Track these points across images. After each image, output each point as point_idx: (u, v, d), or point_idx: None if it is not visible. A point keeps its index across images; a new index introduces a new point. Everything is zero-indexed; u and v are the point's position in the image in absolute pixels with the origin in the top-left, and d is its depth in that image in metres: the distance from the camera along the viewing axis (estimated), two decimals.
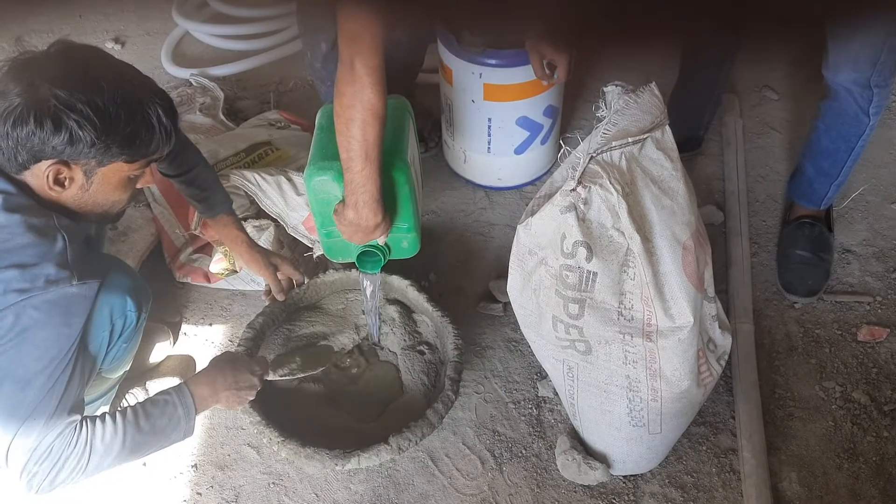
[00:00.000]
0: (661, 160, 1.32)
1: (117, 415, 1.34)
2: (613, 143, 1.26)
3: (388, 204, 1.54)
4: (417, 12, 1.95)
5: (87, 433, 1.28)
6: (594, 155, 1.26)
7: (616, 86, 1.39)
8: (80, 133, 1.17)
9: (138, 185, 1.36)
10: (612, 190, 1.24)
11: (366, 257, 1.64)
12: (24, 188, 1.24)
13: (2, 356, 1.20)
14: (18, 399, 1.22)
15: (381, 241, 1.60)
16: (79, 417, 1.29)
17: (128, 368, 1.67)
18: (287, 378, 1.65)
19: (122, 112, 1.21)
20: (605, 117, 1.36)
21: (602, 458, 1.60)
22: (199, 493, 1.67)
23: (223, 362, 1.56)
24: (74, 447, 1.26)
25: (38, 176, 1.22)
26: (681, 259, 1.31)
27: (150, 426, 1.36)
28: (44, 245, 1.21)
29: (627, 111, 1.32)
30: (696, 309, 1.34)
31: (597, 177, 1.25)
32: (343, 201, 1.52)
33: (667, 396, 1.41)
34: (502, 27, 1.95)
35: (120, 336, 1.46)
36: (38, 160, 1.19)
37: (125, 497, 1.67)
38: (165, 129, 1.28)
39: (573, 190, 1.24)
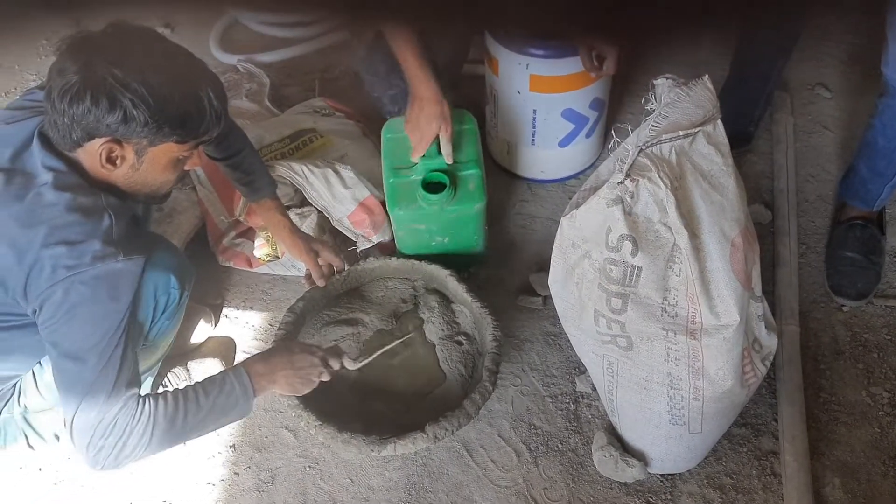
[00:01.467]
0: (711, 155, 1.29)
1: (178, 392, 1.36)
2: (664, 137, 1.24)
3: (456, 143, 1.79)
4: (460, 30, 1.96)
5: (149, 407, 1.30)
6: (643, 147, 1.24)
7: (667, 78, 1.36)
8: (134, 112, 1.19)
9: (186, 167, 1.37)
10: (661, 184, 1.22)
11: (430, 191, 1.73)
12: (74, 166, 1.26)
13: (55, 333, 1.22)
14: (76, 375, 1.24)
15: (445, 135, 1.75)
16: (138, 391, 1.31)
17: (170, 346, 1.70)
18: (366, 362, 1.64)
19: (176, 93, 1.23)
20: (654, 110, 1.34)
21: (640, 456, 1.58)
22: (237, 473, 1.69)
23: (281, 345, 1.60)
24: (138, 421, 1.28)
25: (91, 154, 1.24)
26: (729, 256, 1.29)
27: (209, 403, 1.37)
28: (91, 223, 1.23)
29: (679, 104, 1.30)
30: (742, 307, 1.31)
31: (645, 170, 1.23)
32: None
33: (709, 395, 1.39)
34: (551, 29, 1.93)
35: (163, 313, 1.48)
36: (91, 138, 1.21)
37: (164, 476, 1.70)
38: (216, 112, 1.29)
39: (621, 183, 1.22)
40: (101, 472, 1.31)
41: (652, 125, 1.30)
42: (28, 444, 1.53)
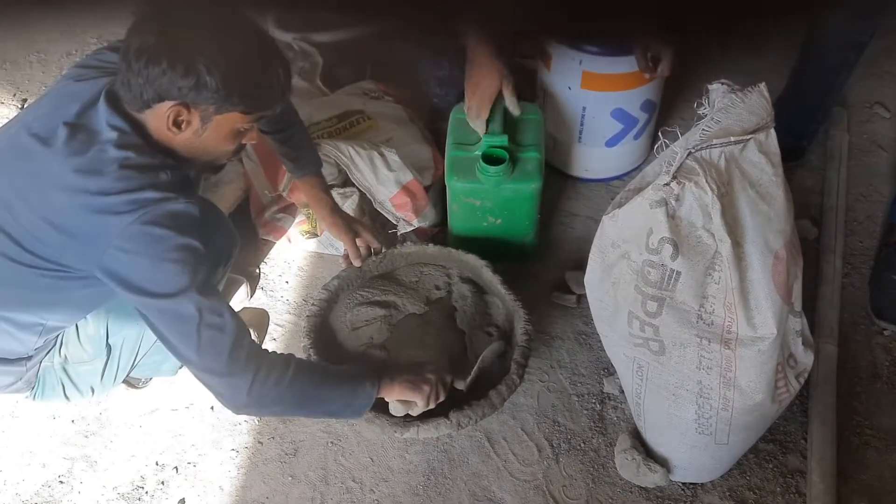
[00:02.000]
0: (762, 164, 1.27)
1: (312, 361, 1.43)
2: (714, 141, 1.22)
3: (518, 128, 1.85)
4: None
5: (285, 354, 1.35)
6: (692, 151, 1.22)
7: (722, 83, 1.34)
8: (207, 78, 1.21)
9: (244, 140, 1.39)
10: (708, 189, 1.20)
11: (489, 165, 1.75)
12: (138, 128, 1.29)
13: (144, 280, 1.24)
14: (181, 312, 1.25)
15: (508, 89, 1.79)
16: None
17: None
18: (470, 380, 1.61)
19: (248, 64, 1.26)
20: (706, 114, 1.32)
21: (663, 462, 1.56)
22: (261, 443, 1.71)
23: (409, 362, 1.61)
24: (276, 356, 1.33)
25: (158, 116, 1.26)
26: (771, 268, 1.27)
27: (337, 379, 1.42)
28: (149, 177, 1.26)
29: (732, 110, 1.28)
30: (780, 321, 1.29)
31: (692, 174, 1.22)
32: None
33: (738, 407, 1.37)
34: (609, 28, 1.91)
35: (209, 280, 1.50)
36: (161, 100, 1.24)
37: (190, 438, 1.73)
38: (282, 88, 1.33)
39: (666, 184, 1.21)
40: (242, 407, 1.32)
41: (703, 129, 1.28)
42: (64, 394, 1.57)
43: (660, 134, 1.32)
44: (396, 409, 1.50)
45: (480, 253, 1.83)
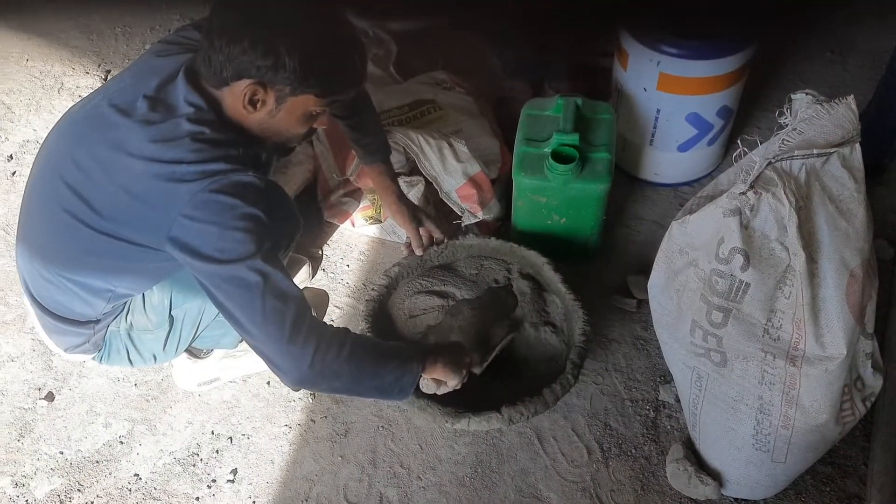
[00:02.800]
0: (844, 179, 1.23)
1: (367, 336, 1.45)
2: (796, 153, 1.19)
3: (590, 129, 1.84)
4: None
5: (340, 327, 1.36)
6: (773, 161, 1.19)
7: (806, 93, 1.30)
8: (286, 59, 1.24)
9: (316, 125, 1.41)
10: (785, 201, 1.17)
11: (558, 163, 1.74)
12: (214, 105, 1.32)
13: (210, 248, 1.25)
14: (245, 279, 1.25)
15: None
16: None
17: None
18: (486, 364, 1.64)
19: (327, 48, 1.28)
20: (788, 124, 1.29)
21: (715, 475, 1.54)
22: (313, 421, 1.74)
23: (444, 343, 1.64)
24: (334, 329, 1.33)
25: (235, 94, 1.29)
26: (845, 286, 1.23)
27: (389, 356, 1.42)
28: (222, 150, 1.29)
29: (816, 121, 1.24)
30: (851, 342, 1.25)
31: (770, 184, 1.19)
32: None
33: (800, 427, 1.34)
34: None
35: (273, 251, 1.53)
36: (240, 78, 1.27)
37: (245, 411, 1.77)
38: (357, 75, 1.35)
39: (743, 193, 1.18)
40: (303, 379, 1.31)
41: (784, 139, 1.25)
42: (129, 359, 1.63)
43: (739, 142, 1.29)
44: (428, 387, 1.50)
45: (542, 250, 1.82)
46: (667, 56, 1.87)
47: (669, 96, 1.94)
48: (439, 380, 1.49)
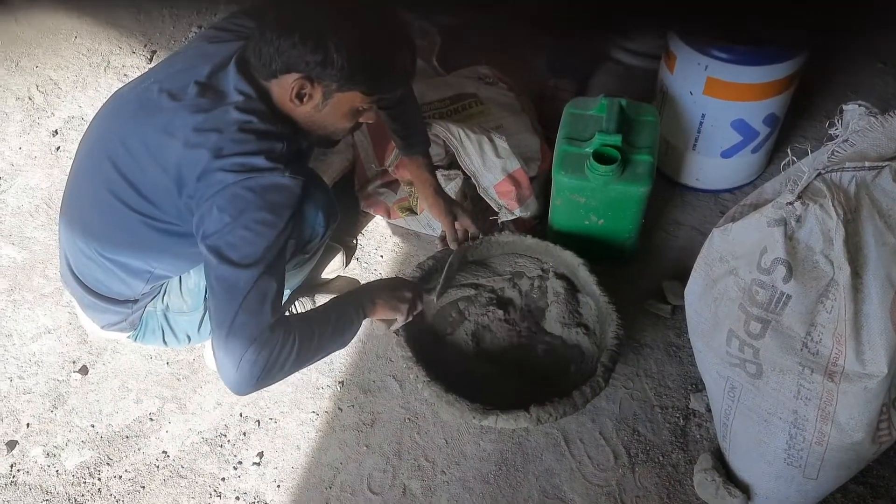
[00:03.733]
0: (895, 194, 1.20)
1: (306, 314, 1.44)
2: (847, 164, 1.16)
3: (634, 131, 1.82)
4: None
5: (293, 327, 1.35)
6: (822, 172, 1.17)
7: (859, 105, 1.28)
8: (335, 56, 1.24)
9: (362, 119, 1.41)
10: (833, 213, 1.15)
11: (600, 164, 1.73)
12: (263, 95, 1.33)
13: (219, 238, 1.26)
14: (233, 285, 1.26)
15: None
16: (285, 310, 1.37)
17: (303, 278, 1.77)
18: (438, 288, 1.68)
19: (376, 47, 1.28)
20: (839, 135, 1.26)
21: (744, 488, 1.51)
22: (340, 409, 1.75)
23: (381, 279, 1.68)
24: (288, 338, 1.32)
25: (283, 87, 1.30)
26: (890, 303, 1.20)
27: (333, 323, 1.43)
28: (266, 143, 1.29)
29: (869, 134, 1.22)
30: (892, 360, 1.22)
31: (819, 195, 1.17)
32: None
33: (834, 444, 1.31)
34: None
35: (305, 245, 1.54)
36: (288, 71, 1.28)
37: (273, 397, 1.78)
38: (406, 73, 1.36)
39: (789, 203, 1.16)
40: (245, 390, 1.32)
41: (834, 150, 1.23)
42: (163, 339, 1.65)
43: (788, 150, 1.26)
44: (378, 327, 1.57)
45: (578, 251, 1.81)
46: (715, 60, 1.83)
47: (716, 101, 1.91)
48: (387, 319, 1.55)
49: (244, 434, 1.73)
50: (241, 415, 1.76)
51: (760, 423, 1.39)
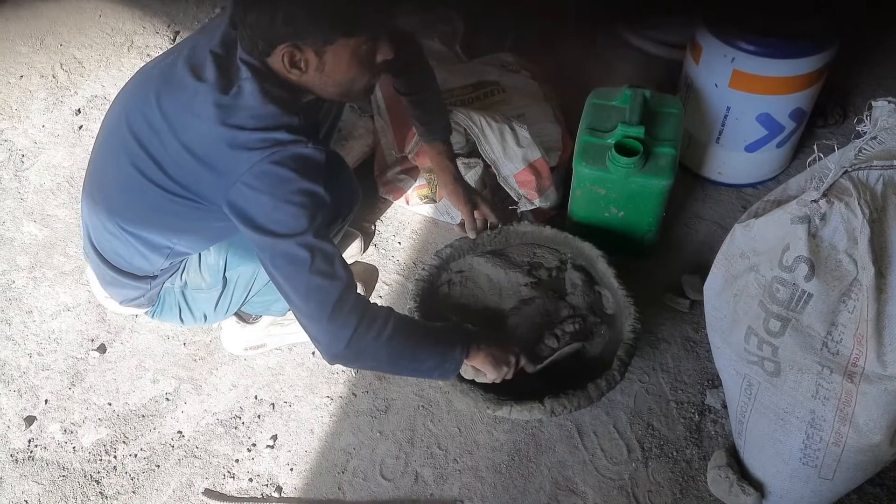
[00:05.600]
0: None
1: (418, 320, 1.43)
2: (875, 163, 1.14)
3: (656, 123, 1.80)
4: None
5: (394, 312, 1.35)
6: (849, 170, 1.14)
7: (889, 101, 1.25)
8: (295, 13, 1.21)
9: (379, 58, 1.35)
10: (859, 212, 1.13)
11: (621, 156, 1.71)
12: (271, 70, 1.32)
13: (265, 219, 1.26)
14: (293, 254, 1.26)
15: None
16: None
17: None
18: (542, 366, 1.61)
19: None
20: (867, 132, 1.24)
21: (758, 486, 1.50)
22: (355, 395, 1.76)
23: (496, 333, 1.63)
24: (382, 315, 1.33)
25: (278, 61, 1.29)
26: None
27: (433, 338, 1.42)
28: (285, 117, 1.29)
29: None
30: None
31: (845, 194, 1.14)
32: None
33: (852, 445, 1.29)
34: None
35: (328, 226, 1.54)
36: (273, 45, 1.26)
37: (288, 380, 1.79)
38: (377, 4, 1.29)
39: (814, 201, 1.14)
40: (338, 356, 1.32)
41: (862, 148, 1.20)
42: (180, 316, 1.66)
43: (815, 146, 1.24)
44: (466, 372, 1.50)
45: (597, 242, 1.80)
46: (742, 53, 1.81)
47: (741, 94, 1.88)
48: (478, 369, 1.49)
49: (259, 416, 1.74)
50: (256, 397, 1.77)
51: (777, 421, 1.37)
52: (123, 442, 1.71)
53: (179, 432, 1.72)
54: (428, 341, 1.41)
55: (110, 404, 1.77)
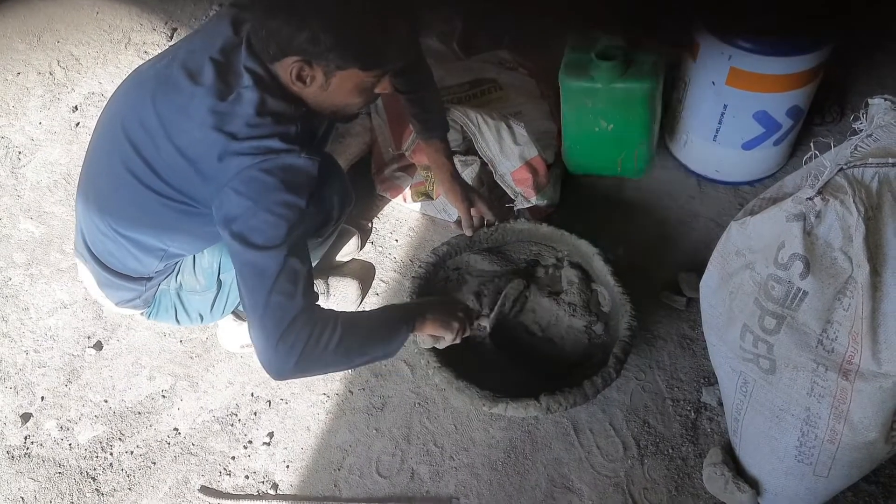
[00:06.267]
0: None
1: (350, 312, 1.41)
2: (870, 160, 1.14)
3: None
4: None
5: (333, 314, 1.34)
6: (844, 167, 1.14)
7: (885, 99, 1.25)
8: (322, 36, 1.21)
9: (377, 91, 1.38)
10: (854, 210, 1.13)
11: (603, 61, 1.79)
12: (273, 78, 1.32)
13: (242, 223, 1.26)
14: (262, 269, 1.26)
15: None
16: (317, 298, 1.35)
17: (317, 261, 1.77)
18: (493, 315, 1.65)
19: (364, 23, 1.24)
20: (863, 130, 1.24)
21: (753, 483, 1.50)
22: (351, 392, 1.76)
23: (436, 297, 1.65)
24: (327, 324, 1.31)
25: (285, 70, 1.29)
26: None
27: (378, 325, 1.42)
28: (280, 125, 1.29)
29: (894, 129, 1.19)
30: None
31: (840, 191, 1.14)
32: None
33: (847, 442, 1.30)
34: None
35: (319, 229, 1.54)
36: (285, 54, 1.26)
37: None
38: (403, 46, 1.31)
39: (809, 199, 1.14)
40: (284, 375, 1.31)
41: (858, 145, 1.20)
42: (176, 317, 1.66)
43: (812, 144, 1.24)
44: (425, 342, 1.53)
45: (593, 163, 1.82)
46: (739, 50, 1.80)
47: (738, 92, 1.88)
48: (436, 335, 1.52)
49: (255, 414, 1.74)
50: (252, 395, 1.77)
51: (772, 419, 1.37)
52: (120, 439, 1.71)
53: (176, 429, 1.72)
54: (374, 334, 1.41)
55: (106, 401, 1.77)
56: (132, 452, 1.68)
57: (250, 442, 1.69)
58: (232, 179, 1.25)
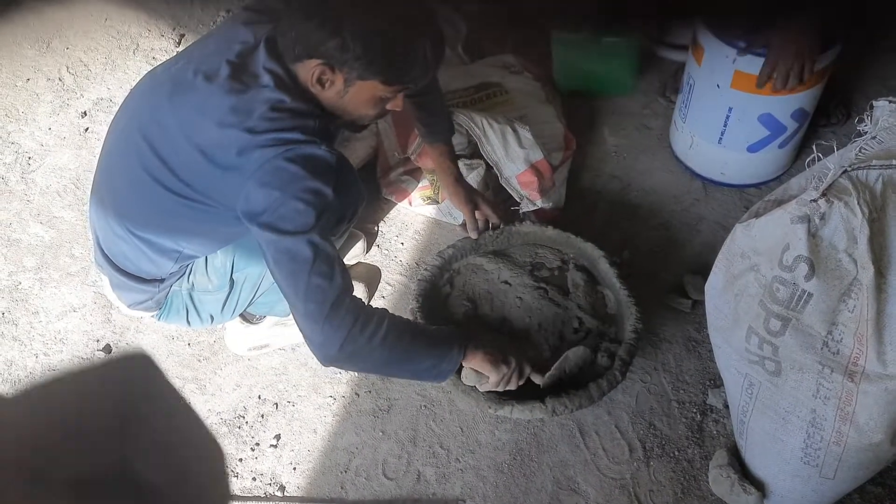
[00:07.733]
0: None
1: (403, 318, 1.42)
2: (874, 162, 1.14)
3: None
4: None
5: (382, 312, 1.36)
6: (848, 169, 1.15)
7: (890, 101, 1.26)
8: (351, 44, 1.24)
9: (388, 107, 1.41)
10: (858, 212, 1.13)
11: None
12: (293, 77, 1.34)
13: (272, 214, 1.26)
14: (297, 259, 1.27)
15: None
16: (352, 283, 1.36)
17: None
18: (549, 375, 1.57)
19: (394, 37, 1.27)
20: (867, 132, 1.24)
21: (759, 485, 1.50)
22: (357, 395, 1.76)
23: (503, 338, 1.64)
24: (376, 316, 1.33)
25: (307, 71, 1.31)
26: None
27: (427, 339, 1.41)
28: (300, 120, 1.30)
29: None
30: None
31: (844, 193, 1.14)
32: None
33: (853, 444, 1.30)
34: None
35: (334, 227, 1.55)
36: (309, 57, 1.28)
37: (291, 380, 1.80)
38: (427, 64, 1.33)
39: (814, 201, 1.14)
40: (331, 358, 1.32)
41: (862, 147, 1.20)
42: (187, 318, 1.67)
43: (814, 147, 1.24)
44: (468, 377, 1.49)
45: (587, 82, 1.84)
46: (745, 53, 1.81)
47: (743, 95, 1.89)
48: (480, 373, 1.48)
49: (262, 416, 1.75)
50: (259, 397, 1.78)
51: (778, 420, 1.37)
52: None
53: None
54: (423, 342, 1.41)
55: None
56: None
57: (257, 444, 1.70)
58: (255, 172, 1.26)
